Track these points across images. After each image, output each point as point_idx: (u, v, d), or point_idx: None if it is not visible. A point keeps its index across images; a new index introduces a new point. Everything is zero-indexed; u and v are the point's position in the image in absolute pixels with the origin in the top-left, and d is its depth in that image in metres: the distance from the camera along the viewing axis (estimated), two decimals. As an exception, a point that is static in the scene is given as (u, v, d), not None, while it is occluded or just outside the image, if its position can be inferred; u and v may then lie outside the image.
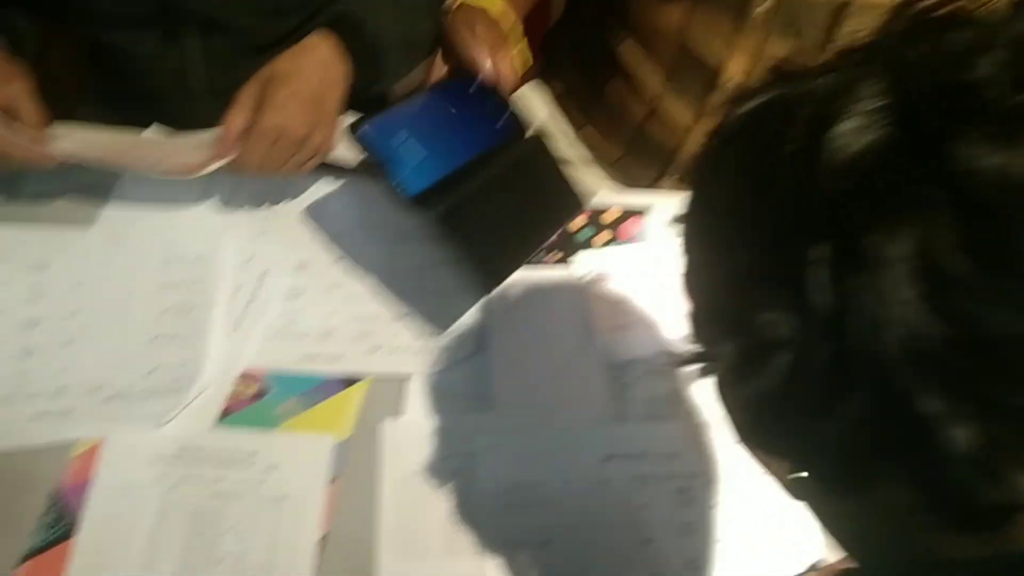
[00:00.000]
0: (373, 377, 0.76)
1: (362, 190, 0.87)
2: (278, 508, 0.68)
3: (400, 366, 0.76)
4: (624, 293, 0.81)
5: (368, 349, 0.77)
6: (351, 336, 0.78)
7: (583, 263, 0.84)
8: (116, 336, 0.75)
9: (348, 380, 0.75)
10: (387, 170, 0.72)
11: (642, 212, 0.88)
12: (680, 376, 0.76)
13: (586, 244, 0.86)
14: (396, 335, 0.78)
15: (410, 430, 0.72)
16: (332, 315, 0.79)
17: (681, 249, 0.37)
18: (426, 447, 0.71)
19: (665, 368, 0.77)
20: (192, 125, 0.91)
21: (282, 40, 0.88)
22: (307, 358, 0.76)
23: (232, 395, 0.74)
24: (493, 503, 0.69)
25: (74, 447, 0.70)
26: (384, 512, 0.68)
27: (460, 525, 0.68)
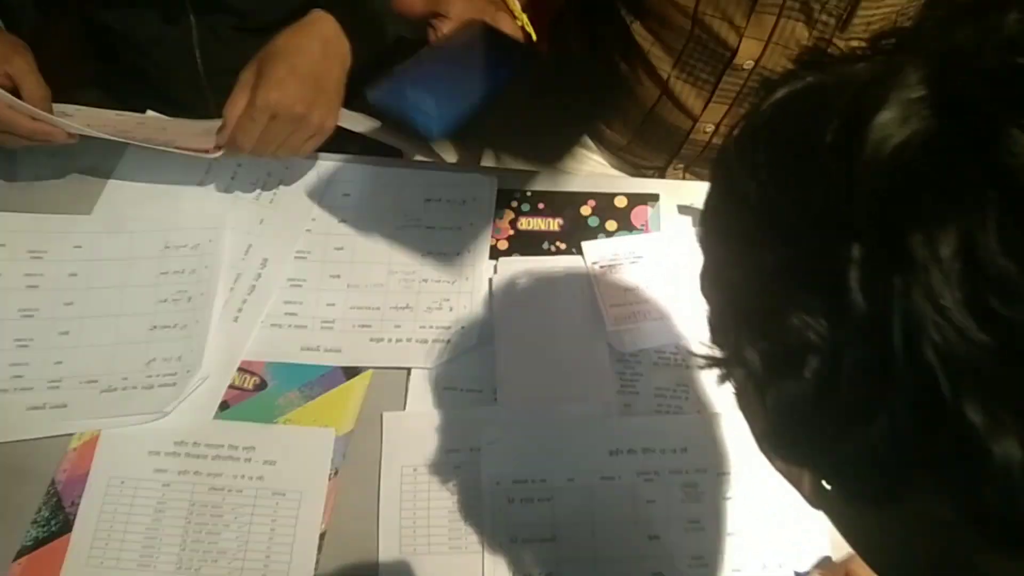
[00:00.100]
0: (375, 369, 0.74)
1: (364, 177, 0.86)
2: (278, 503, 0.67)
3: (402, 358, 0.75)
4: (632, 282, 0.80)
5: (370, 340, 0.76)
6: (353, 327, 0.77)
7: (590, 252, 0.82)
8: (113, 326, 0.74)
9: (350, 372, 0.74)
10: (408, 119, 0.69)
11: (650, 200, 0.86)
12: (688, 369, 0.75)
13: (594, 232, 0.84)
14: (399, 326, 0.77)
15: (412, 423, 0.71)
16: (333, 305, 0.78)
17: (700, 246, 0.35)
18: (428, 441, 0.70)
19: (673, 360, 0.75)
20: (192, 107, 0.89)
21: (282, 20, 0.86)
22: (308, 350, 0.75)
23: (231, 387, 0.72)
24: (496, 497, 0.68)
25: (71, 440, 0.69)
26: (386, 506, 0.67)
27: (463, 520, 0.67)
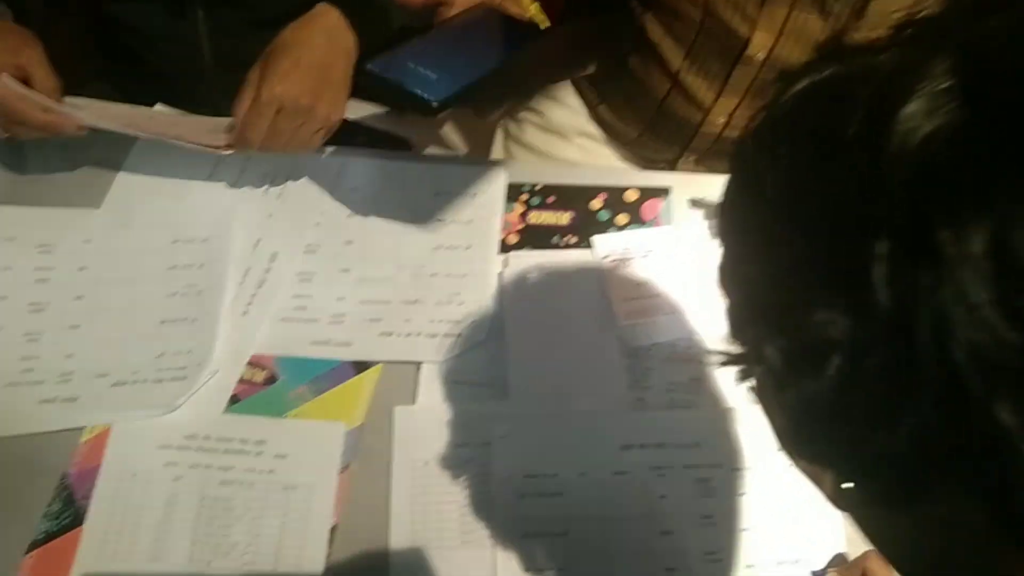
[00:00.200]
0: (385, 363, 0.74)
1: (374, 171, 0.85)
2: (288, 497, 0.66)
3: (413, 352, 0.74)
4: (643, 276, 0.79)
5: (380, 334, 0.76)
6: (363, 321, 0.76)
7: (601, 245, 0.81)
8: (123, 320, 0.74)
9: (360, 366, 0.74)
10: (406, 89, 0.67)
11: (661, 193, 0.86)
12: (701, 363, 0.74)
13: (604, 226, 0.83)
14: (409, 320, 0.76)
15: (423, 418, 0.71)
16: (343, 299, 0.77)
17: (719, 239, 0.34)
18: (439, 435, 0.70)
19: (686, 355, 0.75)
20: (201, 100, 0.89)
21: (289, 13, 0.86)
22: (317, 344, 0.75)
23: (241, 381, 0.72)
24: (507, 493, 0.67)
25: (82, 433, 0.69)
26: (396, 501, 0.67)
27: (474, 515, 0.67)
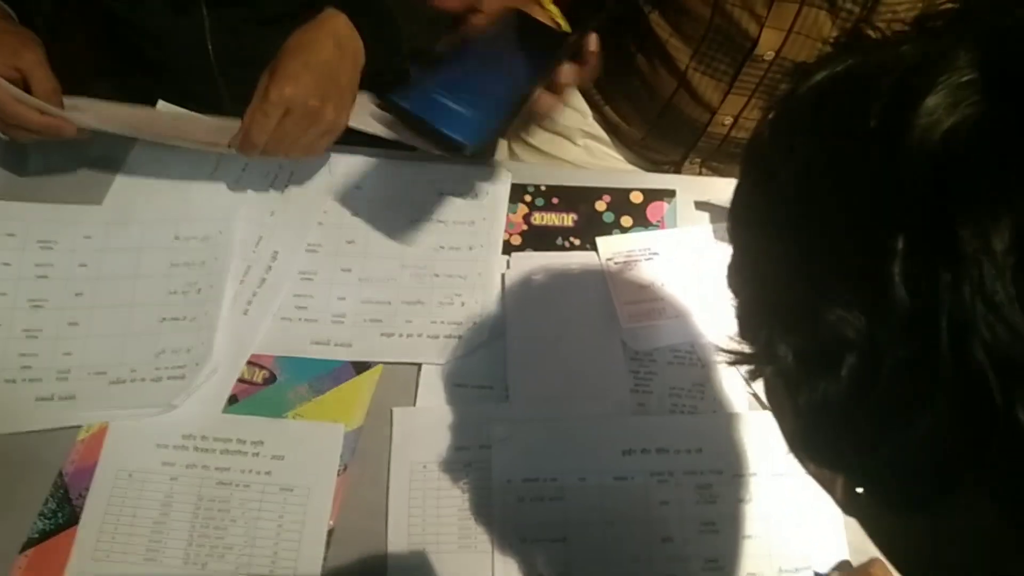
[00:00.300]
0: (385, 364, 0.73)
1: (377, 170, 0.85)
2: (286, 498, 0.66)
3: (414, 353, 0.74)
4: (647, 279, 0.78)
5: (381, 335, 0.75)
6: (363, 321, 0.76)
7: (605, 247, 0.81)
8: (122, 318, 0.74)
9: (360, 367, 0.73)
10: (432, 132, 0.67)
11: (666, 196, 0.85)
12: (704, 368, 0.73)
13: (609, 228, 0.83)
14: (410, 321, 0.76)
15: (422, 420, 0.70)
16: (344, 299, 0.77)
17: (729, 238, 0.33)
18: (438, 437, 0.69)
19: (689, 360, 0.74)
20: (205, 98, 0.89)
21: (293, 12, 0.86)
22: (318, 344, 0.74)
23: (240, 381, 0.72)
24: (507, 497, 0.67)
25: (79, 431, 0.68)
26: (395, 503, 0.66)
27: (473, 519, 0.66)
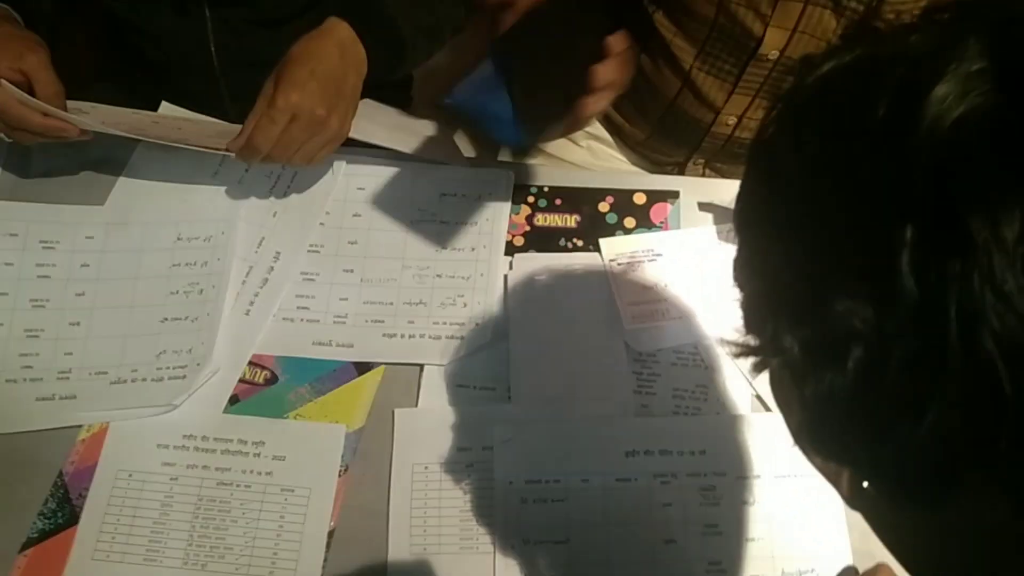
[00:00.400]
0: (387, 365, 0.73)
1: (379, 171, 0.85)
2: (286, 499, 0.66)
3: (416, 354, 0.74)
4: (650, 280, 0.78)
5: (383, 336, 0.75)
6: (365, 322, 0.76)
7: (608, 248, 0.80)
8: (124, 318, 0.74)
9: (361, 368, 0.73)
10: (489, 128, 0.67)
11: (670, 197, 0.85)
12: (708, 370, 0.73)
13: (612, 229, 0.82)
14: (412, 322, 0.75)
15: (424, 421, 0.70)
16: (346, 300, 0.77)
17: (736, 232, 0.33)
18: (440, 438, 0.69)
19: (692, 361, 0.73)
20: (207, 100, 0.89)
21: (296, 14, 0.86)
22: (319, 344, 0.74)
23: (241, 381, 0.71)
24: (509, 498, 0.66)
25: (80, 431, 0.68)
26: (396, 505, 0.66)
27: (474, 520, 0.66)
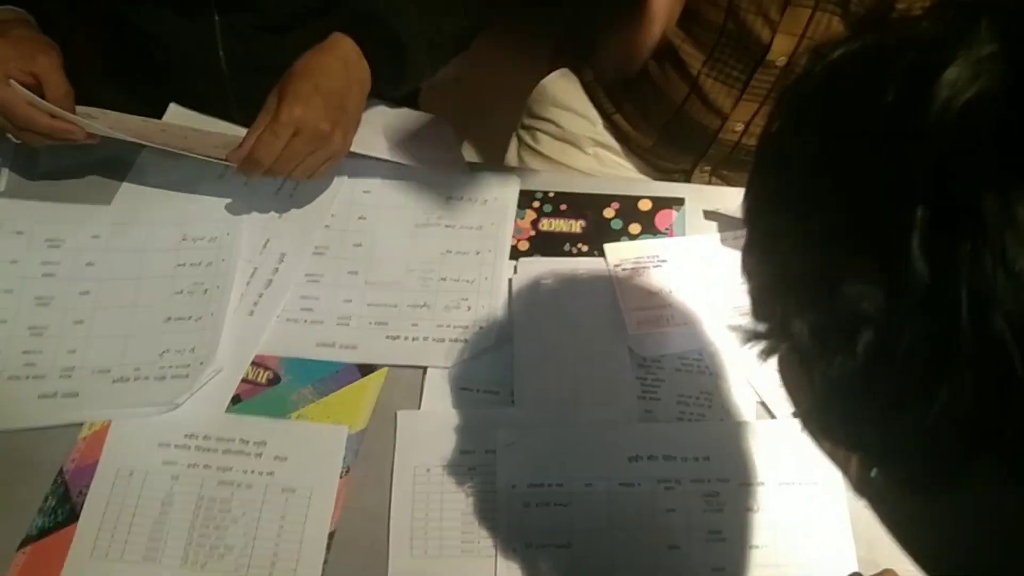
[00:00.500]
0: (390, 367, 0.73)
1: (385, 174, 0.85)
2: (287, 500, 0.65)
3: (419, 356, 0.73)
4: (655, 287, 0.78)
5: (387, 338, 0.75)
6: (369, 324, 0.75)
7: (613, 254, 0.80)
8: (128, 317, 0.74)
9: (364, 369, 0.73)
10: None
11: (675, 204, 0.85)
12: (712, 376, 0.73)
13: (617, 235, 0.82)
14: (416, 324, 0.75)
15: (427, 423, 0.70)
16: (350, 302, 0.77)
17: (745, 219, 0.33)
18: (443, 441, 0.69)
19: (697, 368, 0.73)
20: (215, 104, 0.89)
21: (301, 22, 0.86)
22: (323, 345, 0.74)
23: (244, 381, 0.71)
24: (512, 502, 0.66)
25: (81, 429, 0.68)
26: (397, 507, 0.66)
27: (476, 523, 0.65)
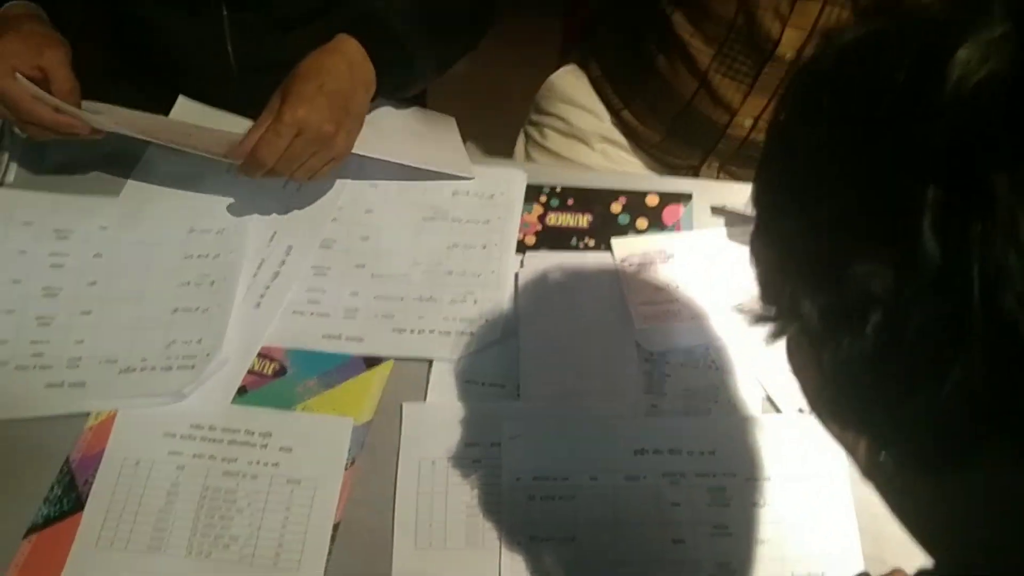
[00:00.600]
0: (396, 360, 0.73)
1: (393, 168, 0.85)
2: (292, 491, 0.65)
3: (425, 349, 0.73)
4: (662, 281, 0.77)
5: (393, 330, 0.75)
6: (376, 317, 0.75)
7: (619, 248, 0.80)
8: (135, 307, 0.74)
9: (370, 362, 0.73)
10: None
11: (683, 199, 0.84)
12: (718, 370, 0.72)
13: (624, 230, 0.82)
14: (422, 317, 0.75)
15: (432, 415, 0.70)
16: (357, 294, 0.77)
17: (755, 204, 0.33)
18: (448, 434, 0.68)
19: (703, 362, 0.73)
20: (223, 100, 0.89)
21: (310, 16, 0.86)
22: (329, 337, 0.74)
23: (250, 372, 0.71)
24: (516, 495, 0.66)
25: (88, 419, 0.68)
26: (402, 499, 0.65)
27: (481, 516, 0.65)
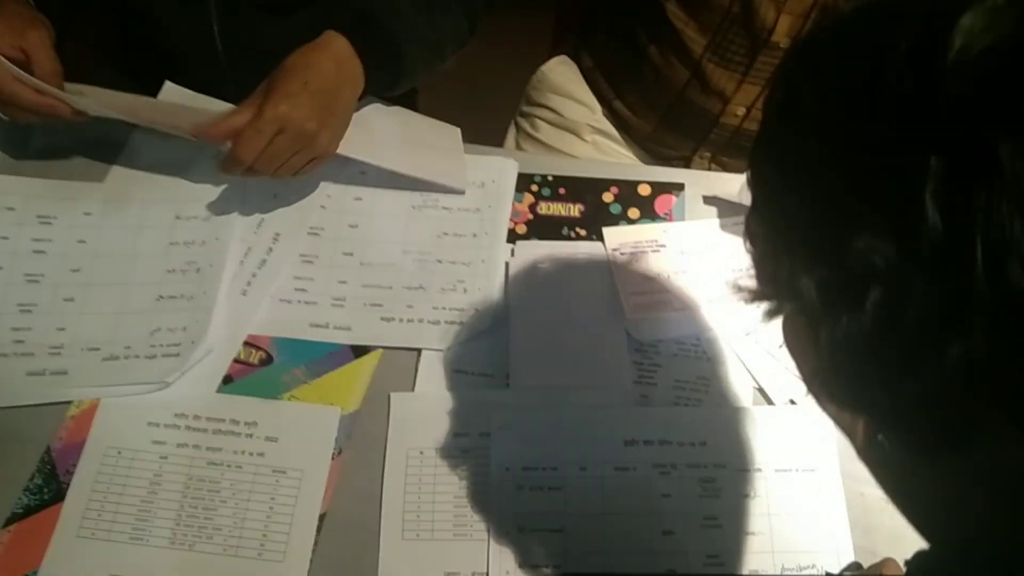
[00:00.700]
0: (384, 349, 0.72)
1: (383, 173, 0.84)
2: (278, 481, 0.64)
3: (414, 338, 0.73)
4: (653, 271, 0.77)
5: (381, 319, 0.74)
6: (364, 305, 0.75)
7: (611, 238, 0.79)
8: (119, 294, 0.73)
9: (358, 351, 0.72)
10: None
11: (675, 189, 0.84)
12: (709, 361, 0.72)
13: (616, 219, 0.81)
14: (411, 306, 0.74)
15: (420, 405, 0.69)
16: (345, 283, 0.76)
17: (751, 181, 0.33)
18: (436, 424, 0.68)
19: (694, 353, 0.72)
20: (211, 85, 0.88)
21: (301, 3, 0.85)
22: (316, 326, 0.73)
23: (236, 361, 0.70)
24: (505, 485, 0.65)
25: (70, 407, 0.67)
26: (389, 489, 0.65)
27: (469, 506, 0.64)
